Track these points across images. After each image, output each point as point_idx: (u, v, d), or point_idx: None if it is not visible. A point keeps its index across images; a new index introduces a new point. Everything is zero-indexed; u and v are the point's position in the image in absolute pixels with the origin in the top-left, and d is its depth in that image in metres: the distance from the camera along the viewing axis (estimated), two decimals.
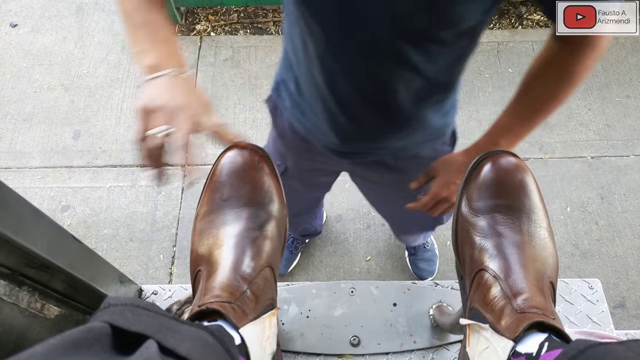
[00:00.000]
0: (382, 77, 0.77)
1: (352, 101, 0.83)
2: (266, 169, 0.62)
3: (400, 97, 0.81)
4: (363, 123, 0.88)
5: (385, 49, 0.72)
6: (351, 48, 0.73)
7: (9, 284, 0.58)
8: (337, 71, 0.79)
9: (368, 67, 0.76)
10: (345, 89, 0.81)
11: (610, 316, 0.91)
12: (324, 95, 0.84)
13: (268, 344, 0.54)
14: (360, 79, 0.79)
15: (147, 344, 0.33)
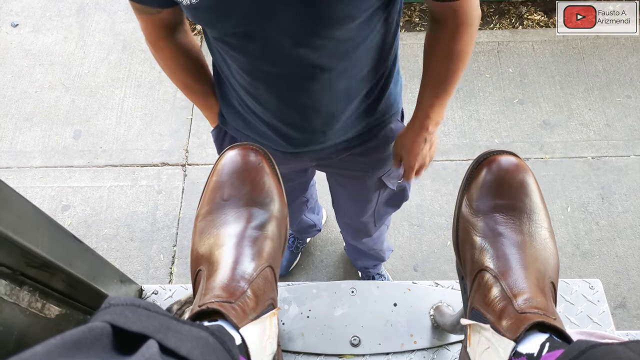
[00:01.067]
0: (299, 84, 0.81)
1: (285, 111, 0.87)
2: (267, 169, 0.62)
3: (326, 97, 0.84)
4: (303, 127, 0.91)
5: (290, 59, 0.75)
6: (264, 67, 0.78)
7: (9, 284, 0.58)
8: (261, 88, 0.83)
9: (286, 80, 0.80)
10: (273, 102, 0.86)
11: (611, 316, 0.91)
12: (261, 108, 0.89)
13: (268, 344, 0.54)
14: (283, 92, 0.83)
15: (147, 344, 0.33)
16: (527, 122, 2.24)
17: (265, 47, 0.74)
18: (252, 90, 0.85)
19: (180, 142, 2.23)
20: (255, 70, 0.80)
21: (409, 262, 1.97)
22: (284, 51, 0.74)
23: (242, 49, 0.76)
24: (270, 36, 0.72)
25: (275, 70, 0.78)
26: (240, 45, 0.75)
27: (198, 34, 2.53)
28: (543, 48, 2.43)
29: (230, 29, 0.73)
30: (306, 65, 0.77)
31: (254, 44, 0.74)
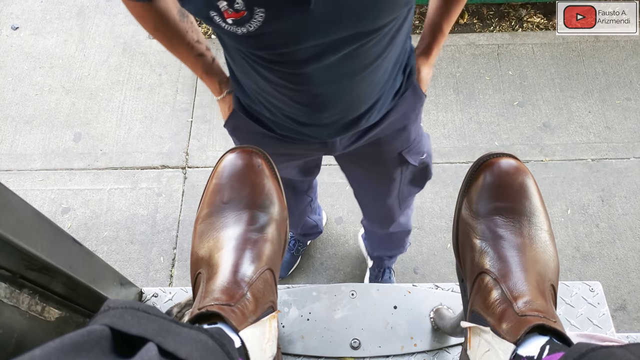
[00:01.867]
0: (349, 82, 0.81)
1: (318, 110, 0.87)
2: (266, 172, 0.62)
3: (372, 86, 0.85)
4: (336, 119, 0.91)
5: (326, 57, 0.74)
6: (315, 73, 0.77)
7: (9, 287, 0.58)
8: (302, 93, 0.83)
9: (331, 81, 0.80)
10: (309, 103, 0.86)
11: (611, 319, 0.91)
12: (298, 111, 0.89)
13: (268, 347, 0.54)
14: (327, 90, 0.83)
15: (147, 347, 0.33)
16: (527, 125, 2.25)
17: (316, 59, 0.74)
18: (292, 95, 0.84)
19: (180, 144, 2.23)
20: (300, 80, 0.79)
21: (409, 265, 1.97)
22: (337, 52, 0.73)
23: (288, 63, 0.75)
24: (328, 42, 0.71)
25: (325, 75, 0.78)
26: (287, 60, 0.74)
27: None
28: (543, 50, 2.43)
29: (284, 49, 0.72)
30: (355, 65, 0.78)
31: (302, 58, 0.73)
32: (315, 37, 0.69)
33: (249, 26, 0.65)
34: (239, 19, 0.65)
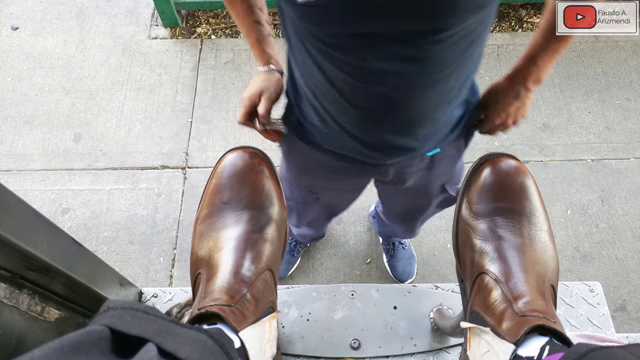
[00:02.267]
0: (401, 85, 0.75)
1: (375, 115, 0.81)
2: (266, 172, 0.62)
3: (416, 93, 0.78)
4: (395, 132, 0.85)
5: (405, 52, 0.70)
6: (377, 68, 0.72)
7: (9, 287, 0.58)
8: (361, 92, 0.77)
9: (394, 80, 0.74)
10: (367, 105, 0.79)
11: (611, 319, 0.91)
12: (350, 116, 0.83)
13: (268, 347, 0.54)
14: (387, 93, 0.77)
15: (146, 347, 0.33)
16: (526, 125, 2.25)
17: (375, 50, 0.69)
18: (349, 93, 0.78)
19: (180, 145, 2.23)
20: (359, 74, 0.74)
21: None
22: (401, 47, 0.69)
23: (348, 50, 0.70)
24: (388, 32, 0.66)
25: (385, 75, 0.73)
26: (345, 46, 0.70)
27: (198, 37, 2.53)
28: None
29: (342, 29, 0.68)
30: (422, 64, 0.72)
31: (361, 45, 0.69)
32: (375, 20, 0.64)
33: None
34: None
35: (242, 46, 2.50)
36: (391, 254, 1.91)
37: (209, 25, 2.57)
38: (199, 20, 2.59)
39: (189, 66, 2.44)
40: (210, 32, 2.55)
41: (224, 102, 2.33)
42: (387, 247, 1.92)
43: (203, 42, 2.52)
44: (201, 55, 2.47)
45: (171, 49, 2.50)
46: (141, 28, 2.58)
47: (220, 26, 2.56)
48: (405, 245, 1.91)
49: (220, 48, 2.50)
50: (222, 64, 2.44)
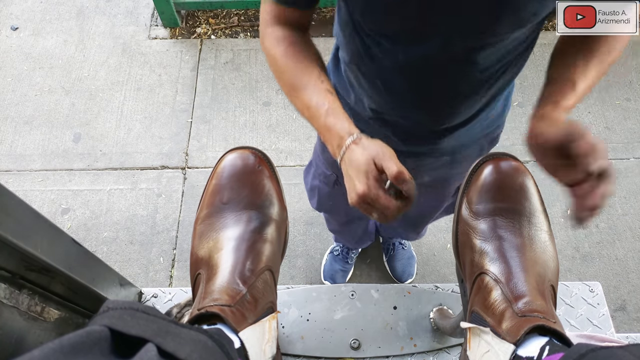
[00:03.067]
0: (447, 81, 0.77)
1: (414, 105, 0.84)
2: (266, 172, 0.62)
3: (464, 95, 0.81)
4: (425, 125, 0.89)
5: (454, 56, 0.71)
6: (423, 64, 0.74)
7: (9, 287, 0.58)
8: (400, 82, 0.79)
9: (437, 79, 0.76)
10: (409, 97, 0.81)
11: (610, 319, 0.91)
12: (386, 104, 0.85)
13: (268, 348, 0.54)
14: (427, 88, 0.79)
15: (146, 347, 0.33)
16: (526, 125, 2.24)
17: (423, 58, 0.71)
18: (384, 86, 0.81)
19: (180, 145, 2.23)
20: (401, 70, 0.76)
21: None
22: (452, 48, 0.69)
23: (395, 51, 0.72)
24: (444, 31, 0.67)
25: (424, 75, 0.75)
26: (394, 47, 0.71)
27: (198, 37, 2.53)
28: (542, 51, 2.43)
29: (400, 25, 0.69)
30: (471, 67, 0.73)
31: (408, 48, 0.71)
32: (429, 24, 0.66)
33: None
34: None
35: (241, 46, 2.50)
36: (391, 254, 1.91)
37: (208, 26, 2.57)
38: (199, 20, 2.59)
39: (189, 66, 2.44)
40: (210, 32, 2.55)
41: (224, 102, 2.33)
42: (387, 247, 1.92)
43: (203, 42, 2.52)
44: (201, 55, 2.47)
45: (171, 49, 2.50)
46: (141, 28, 2.58)
47: (220, 26, 2.56)
48: (405, 246, 1.90)
49: (220, 48, 2.50)
50: (221, 64, 2.44)
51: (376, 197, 0.61)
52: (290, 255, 1.98)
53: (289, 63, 0.75)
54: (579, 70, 0.69)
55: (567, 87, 0.68)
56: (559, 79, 0.69)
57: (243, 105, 2.32)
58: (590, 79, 0.70)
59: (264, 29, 0.81)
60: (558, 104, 0.66)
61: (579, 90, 0.68)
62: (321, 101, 0.71)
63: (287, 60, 0.76)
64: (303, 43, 0.78)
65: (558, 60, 0.72)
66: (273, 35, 0.79)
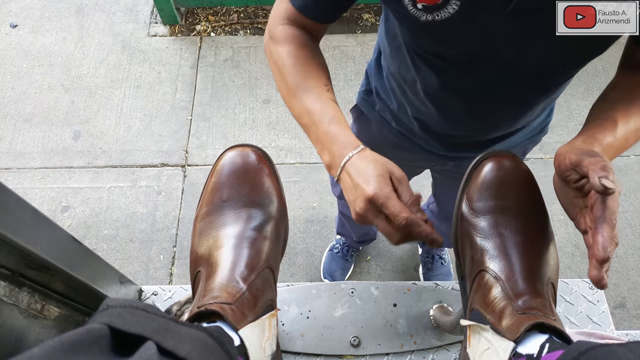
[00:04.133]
0: (501, 101, 0.78)
1: (461, 120, 0.85)
2: (266, 170, 0.62)
3: (515, 112, 0.82)
4: (471, 136, 0.91)
5: (510, 80, 0.72)
6: (474, 86, 0.74)
7: (8, 285, 0.58)
8: (452, 101, 0.80)
9: (487, 99, 0.77)
10: (457, 114, 0.83)
11: (610, 316, 0.91)
12: (432, 116, 0.87)
13: (268, 345, 0.54)
14: (476, 108, 0.80)
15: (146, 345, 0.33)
16: None
17: (475, 77, 0.72)
18: (431, 101, 0.82)
19: (179, 142, 2.23)
20: (450, 88, 0.77)
21: (410, 263, 1.97)
22: (492, 80, 0.72)
23: (446, 70, 0.73)
24: (486, 69, 0.69)
25: (474, 94, 0.76)
26: (446, 66, 0.72)
27: (198, 34, 2.53)
28: None
29: (451, 55, 0.70)
30: (507, 97, 0.76)
31: (461, 69, 0.71)
32: (489, 50, 0.66)
33: (436, 15, 0.61)
34: (431, 6, 0.61)
35: (241, 44, 2.50)
36: (429, 267, 1.88)
37: (208, 23, 2.56)
38: (199, 17, 2.58)
39: (189, 64, 2.43)
40: (210, 29, 2.54)
41: (224, 99, 2.33)
42: (426, 259, 1.89)
43: (202, 40, 2.51)
44: (200, 52, 2.47)
45: (170, 46, 2.49)
46: (140, 25, 2.57)
47: (220, 23, 2.56)
48: (444, 261, 1.87)
49: (219, 45, 2.49)
50: (221, 61, 2.44)
51: (387, 198, 0.56)
52: (290, 253, 1.98)
53: (296, 63, 0.71)
54: (621, 112, 0.64)
55: (607, 123, 0.62)
56: (599, 117, 0.64)
57: (243, 102, 2.32)
58: (632, 124, 0.63)
59: (275, 23, 0.75)
60: (594, 137, 0.59)
61: (620, 131, 0.61)
62: (325, 108, 0.66)
63: (295, 60, 0.72)
64: (314, 49, 0.75)
65: (599, 106, 0.68)
66: (284, 31, 0.74)
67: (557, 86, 0.77)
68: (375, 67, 0.96)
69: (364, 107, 1.04)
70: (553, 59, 0.67)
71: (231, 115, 2.28)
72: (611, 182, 0.45)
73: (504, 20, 0.60)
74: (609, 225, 0.47)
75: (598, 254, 0.46)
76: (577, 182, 0.51)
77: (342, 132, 0.64)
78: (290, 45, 0.73)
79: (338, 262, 1.89)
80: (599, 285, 0.46)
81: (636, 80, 0.68)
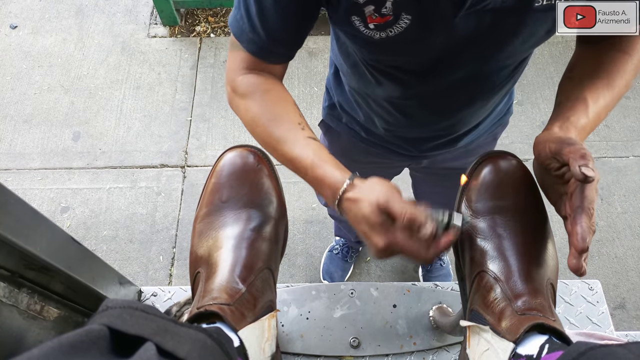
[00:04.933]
0: (465, 99, 0.80)
1: (429, 122, 0.87)
2: (265, 171, 0.62)
3: (480, 105, 0.83)
4: (441, 135, 0.92)
5: (473, 78, 0.73)
6: (437, 90, 0.76)
7: (8, 286, 0.58)
8: (417, 107, 0.82)
9: (452, 100, 0.79)
10: (424, 118, 0.85)
11: (610, 317, 0.91)
12: (400, 123, 0.88)
13: (267, 346, 0.54)
14: (442, 109, 0.82)
15: (145, 346, 0.33)
16: (525, 123, 2.24)
17: (438, 82, 0.73)
18: (401, 103, 0.82)
19: (179, 143, 2.22)
20: (414, 96, 0.78)
21: (409, 264, 1.97)
22: (455, 81, 0.72)
23: (411, 73, 0.73)
24: (467, 61, 0.69)
25: (439, 97, 0.78)
26: (410, 69, 0.72)
27: (197, 35, 2.53)
28: (542, 49, 2.43)
29: (410, 65, 0.71)
30: (488, 83, 0.76)
31: (423, 77, 0.73)
32: (448, 55, 0.67)
33: (389, 31, 0.62)
34: (383, 24, 0.61)
35: None
36: (427, 268, 1.89)
37: (208, 24, 2.56)
38: (198, 18, 2.58)
39: (188, 65, 2.44)
40: (210, 30, 2.55)
41: (223, 100, 2.33)
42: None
43: (202, 41, 2.51)
44: (200, 53, 2.47)
45: (170, 47, 2.50)
46: (140, 26, 2.57)
47: (220, 24, 2.56)
48: (443, 262, 1.88)
49: (219, 46, 2.49)
50: (221, 62, 2.44)
51: (403, 246, 0.54)
52: (290, 254, 1.98)
53: (265, 113, 0.68)
54: (590, 89, 0.64)
55: (578, 104, 0.62)
56: (569, 98, 0.64)
57: None
58: (601, 101, 0.64)
59: (233, 76, 0.72)
60: (568, 119, 0.60)
61: (591, 110, 0.62)
62: (304, 152, 0.62)
63: (262, 110, 0.68)
64: (279, 90, 0.71)
65: (567, 84, 0.69)
66: (245, 81, 0.71)
67: (517, 71, 0.78)
68: (334, 82, 0.97)
69: (330, 122, 1.06)
70: (511, 50, 0.67)
71: (231, 116, 2.28)
72: (591, 170, 0.46)
73: (458, 24, 0.60)
74: (587, 215, 0.50)
75: (577, 245, 0.49)
76: (557, 170, 0.53)
77: (325, 174, 0.60)
78: (254, 96, 0.69)
79: (338, 263, 1.89)
80: (578, 273, 0.48)
81: (598, 53, 0.68)
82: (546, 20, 0.62)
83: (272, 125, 0.66)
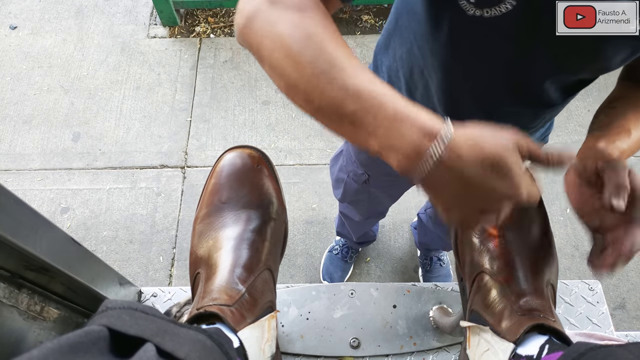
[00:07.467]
0: (516, 112, 0.77)
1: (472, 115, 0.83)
2: (265, 171, 0.62)
3: (524, 116, 0.80)
4: None
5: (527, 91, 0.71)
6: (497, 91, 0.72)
7: (8, 287, 0.58)
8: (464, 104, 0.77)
9: (508, 107, 0.75)
10: (467, 106, 0.78)
11: (610, 317, 0.91)
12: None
13: (267, 347, 0.54)
14: (492, 113, 0.77)
15: (145, 347, 0.33)
16: None
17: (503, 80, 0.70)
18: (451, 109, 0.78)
19: (179, 144, 2.22)
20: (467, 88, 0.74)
21: (409, 264, 1.97)
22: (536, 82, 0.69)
23: (486, 59, 0.68)
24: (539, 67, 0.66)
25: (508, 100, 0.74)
26: (489, 55, 0.67)
27: (197, 36, 2.53)
28: None
29: (497, 45, 0.65)
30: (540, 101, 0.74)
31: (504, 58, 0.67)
32: (537, 50, 0.64)
33: (487, 10, 0.57)
34: (485, 1, 0.56)
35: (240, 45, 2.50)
36: (427, 268, 1.89)
37: (207, 24, 2.56)
38: (198, 19, 2.58)
39: (188, 65, 2.44)
40: (209, 31, 2.55)
41: (223, 101, 2.33)
42: (424, 261, 1.90)
43: (202, 41, 2.51)
44: (200, 54, 2.47)
45: (170, 48, 2.50)
46: (140, 27, 2.57)
47: (219, 25, 2.56)
48: (443, 262, 1.88)
49: (219, 47, 2.49)
50: (221, 62, 2.44)
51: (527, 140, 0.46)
52: (290, 254, 1.98)
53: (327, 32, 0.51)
54: (632, 121, 0.64)
55: (622, 130, 0.61)
56: (611, 124, 0.63)
57: (242, 104, 2.32)
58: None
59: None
60: (613, 142, 0.58)
61: (634, 137, 0.61)
62: (378, 83, 0.47)
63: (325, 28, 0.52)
64: (329, 17, 0.55)
65: (610, 113, 0.69)
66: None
67: (572, 95, 0.76)
68: (383, 47, 0.87)
69: None
70: (597, 60, 0.64)
71: (231, 116, 2.28)
72: (620, 202, 0.48)
73: (548, 38, 0.58)
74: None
75: (625, 249, 0.48)
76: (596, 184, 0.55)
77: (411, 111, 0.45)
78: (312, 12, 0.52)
79: (337, 263, 1.89)
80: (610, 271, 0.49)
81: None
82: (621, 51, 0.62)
83: (331, 50, 0.50)
